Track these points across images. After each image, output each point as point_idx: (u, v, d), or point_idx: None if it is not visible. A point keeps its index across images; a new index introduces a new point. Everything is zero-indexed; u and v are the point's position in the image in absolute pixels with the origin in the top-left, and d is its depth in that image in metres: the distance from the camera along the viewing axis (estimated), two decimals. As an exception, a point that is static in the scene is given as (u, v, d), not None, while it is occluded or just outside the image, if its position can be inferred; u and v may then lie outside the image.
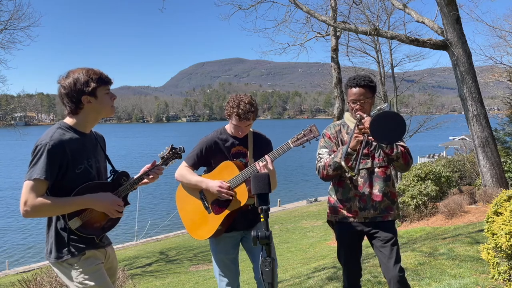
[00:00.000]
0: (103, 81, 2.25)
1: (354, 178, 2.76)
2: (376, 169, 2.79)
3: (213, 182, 2.86)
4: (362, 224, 2.80)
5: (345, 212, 2.81)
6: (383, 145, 2.71)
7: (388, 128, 2.53)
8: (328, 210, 2.95)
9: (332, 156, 2.76)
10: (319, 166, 2.81)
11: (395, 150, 2.70)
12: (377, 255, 2.82)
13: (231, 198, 2.82)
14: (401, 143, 2.76)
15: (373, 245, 2.82)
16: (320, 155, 2.85)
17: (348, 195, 2.81)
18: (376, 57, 24.08)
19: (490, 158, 10.17)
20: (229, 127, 2.99)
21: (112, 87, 2.34)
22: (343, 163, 2.59)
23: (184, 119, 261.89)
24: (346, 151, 2.64)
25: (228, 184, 2.83)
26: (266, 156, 2.73)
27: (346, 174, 2.73)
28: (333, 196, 2.89)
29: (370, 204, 2.76)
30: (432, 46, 10.65)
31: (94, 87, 2.20)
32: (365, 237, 2.90)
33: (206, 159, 2.97)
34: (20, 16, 15.84)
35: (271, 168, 2.70)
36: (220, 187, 2.81)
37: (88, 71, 2.22)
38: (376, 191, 2.77)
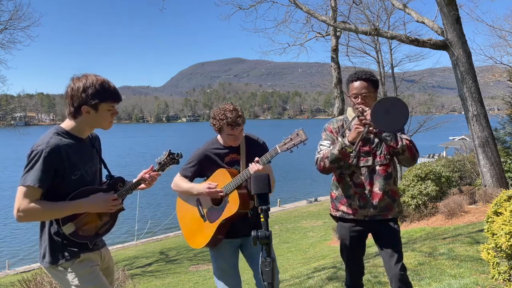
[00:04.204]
0: (112, 98, 2.22)
1: (352, 154, 2.68)
2: (377, 167, 2.76)
3: (201, 185, 2.88)
4: (362, 222, 2.79)
5: (345, 209, 2.81)
6: (387, 138, 2.64)
7: (390, 114, 2.48)
8: (330, 205, 2.96)
9: (330, 148, 2.73)
10: (318, 157, 2.80)
11: (400, 142, 2.63)
12: (379, 253, 2.82)
13: (222, 195, 2.82)
14: (405, 137, 2.71)
15: (377, 243, 2.82)
16: (320, 146, 2.84)
17: (348, 192, 2.79)
18: (376, 57, 24.11)
19: (490, 158, 10.17)
20: (221, 138, 2.97)
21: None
22: (340, 139, 2.59)
23: (184, 119, 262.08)
24: (344, 131, 2.64)
25: (216, 183, 2.83)
26: (257, 159, 2.72)
27: (346, 150, 2.64)
28: (334, 191, 2.89)
29: (370, 202, 2.74)
30: (432, 46, 10.66)
31: (97, 102, 2.17)
32: (369, 235, 2.88)
33: (201, 171, 2.98)
34: (20, 16, 15.90)
35: (260, 167, 2.68)
36: (208, 188, 2.82)
37: (102, 84, 2.18)
38: (377, 189, 2.74)
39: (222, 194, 2.82)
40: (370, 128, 2.58)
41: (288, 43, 17.01)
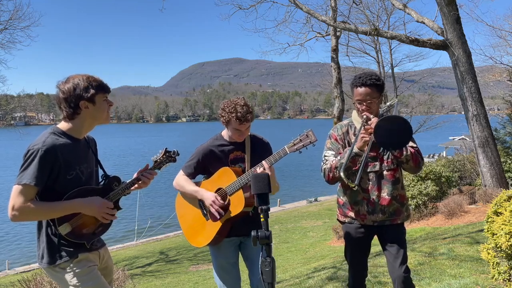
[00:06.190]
0: (103, 88, 2.26)
1: (354, 189, 2.67)
2: (385, 172, 2.72)
3: (208, 194, 2.83)
4: (371, 227, 2.77)
5: (353, 215, 2.78)
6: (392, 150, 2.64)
7: (393, 134, 2.47)
8: (337, 211, 2.93)
9: (339, 158, 2.69)
10: (325, 168, 2.75)
11: (404, 152, 2.62)
12: (384, 254, 2.81)
13: (218, 217, 2.78)
14: (412, 144, 2.67)
15: (382, 244, 2.81)
16: (326, 157, 2.79)
17: (357, 198, 2.76)
18: (376, 57, 24.13)
19: (490, 158, 10.18)
20: (225, 133, 2.96)
21: (112, 87, 2.34)
22: (342, 174, 2.53)
23: (184, 119, 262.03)
24: (350, 153, 2.58)
25: (222, 202, 2.79)
26: (264, 162, 2.69)
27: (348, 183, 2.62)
28: (341, 197, 2.85)
29: (378, 207, 2.71)
30: (432, 46, 10.66)
31: (93, 94, 2.21)
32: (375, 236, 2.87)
33: (204, 168, 2.95)
34: (20, 16, 15.86)
35: (269, 173, 2.68)
36: (213, 201, 2.78)
37: (89, 78, 2.23)
38: (385, 194, 2.71)
39: (220, 218, 2.77)
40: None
41: (288, 43, 17.09)
